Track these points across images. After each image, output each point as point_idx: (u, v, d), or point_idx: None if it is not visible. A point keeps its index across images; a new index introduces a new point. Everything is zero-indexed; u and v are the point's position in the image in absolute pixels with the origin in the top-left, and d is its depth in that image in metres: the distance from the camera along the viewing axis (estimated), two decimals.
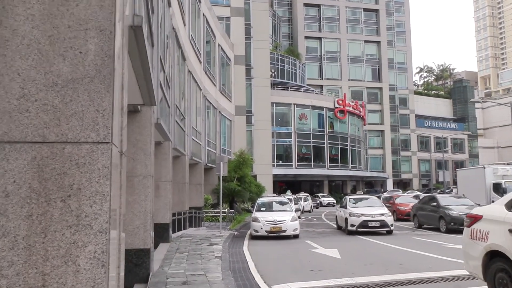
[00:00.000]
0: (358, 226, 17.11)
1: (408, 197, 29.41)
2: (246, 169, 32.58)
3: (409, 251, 11.97)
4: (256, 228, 15.95)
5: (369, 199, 20.16)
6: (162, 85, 10.28)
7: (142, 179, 7.85)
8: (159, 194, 13.59)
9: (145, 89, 6.36)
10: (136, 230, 7.76)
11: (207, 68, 27.10)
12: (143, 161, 7.89)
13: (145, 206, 7.82)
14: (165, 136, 12.25)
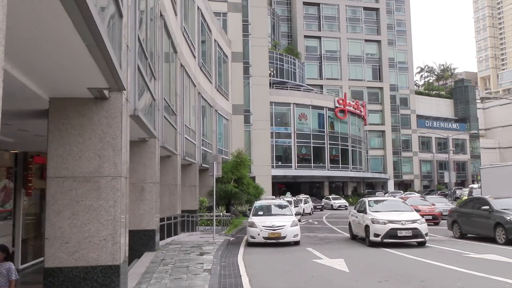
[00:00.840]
0: (384, 236, 13.62)
1: (419, 199, 26.66)
2: (243, 170, 31.16)
3: (433, 263, 10.53)
4: (252, 234, 14.53)
5: (393, 202, 16.56)
6: (143, 71, 8.88)
7: (110, 181, 6.43)
8: (143, 197, 12.19)
9: (104, 65, 4.95)
10: (103, 243, 6.34)
11: (202, 63, 25.70)
12: (112, 159, 6.48)
13: (114, 213, 6.41)
14: (149, 132, 10.85)
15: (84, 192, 6.38)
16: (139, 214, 12.11)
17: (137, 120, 8.48)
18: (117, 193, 6.43)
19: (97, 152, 6.47)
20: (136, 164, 12.21)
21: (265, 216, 15.39)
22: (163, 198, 17.56)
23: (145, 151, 12.28)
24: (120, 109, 6.60)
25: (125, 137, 6.93)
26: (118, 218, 6.42)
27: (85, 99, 6.48)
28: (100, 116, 6.52)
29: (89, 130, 6.49)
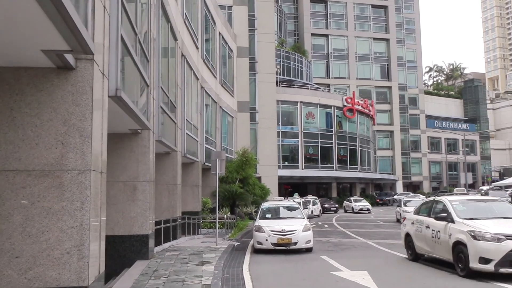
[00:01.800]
0: (501, 262, 8.23)
1: None
2: (249, 169, 29.56)
3: None
4: (259, 240, 12.93)
5: (497, 204, 10.60)
6: (128, 44, 7.33)
7: (76, 176, 4.89)
8: (135, 197, 10.64)
9: (56, 17, 3.40)
10: (66, 258, 4.80)
11: (205, 56, 24.17)
12: (79, 147, 4.94)
13: (81, 218, 4.86)
14: (141, 122, 9.30)
15: (42, 191, 4.84)
16: (130, 217, 10.58)
17: (121, 103, 6.93)
18: (85, 191, 4.89)
19: (59, 138, 4.93)
20: (127, 160, 10.69)
21: (273, 220, 13.79)
22: (161, 198, 16.03)
23: (138, 145, 10.74)
24: (91, 82, 5.05)
25: (99, 121, 5.39)
26: (87, 225, 4.87)
27: (44, 70, 4.95)
28: (64, 92, 4.98)
29: (49, 109, 4.95)
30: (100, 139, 5.56)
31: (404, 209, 23.59)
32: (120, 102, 6.84)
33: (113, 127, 10.08)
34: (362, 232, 20.18)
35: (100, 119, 5.53)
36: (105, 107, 5.87)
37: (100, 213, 5.49)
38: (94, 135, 5.15)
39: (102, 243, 5.66)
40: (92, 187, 5.01)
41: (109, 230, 10.55)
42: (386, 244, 15.00)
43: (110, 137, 10.87)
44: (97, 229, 5.26)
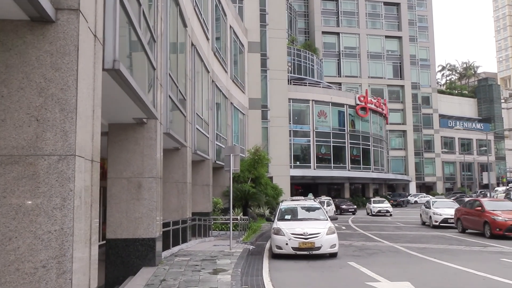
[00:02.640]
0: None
1: (504, 202, 19.96)
2: (261, 168, 28.28)
3: None
4: (279, 244, 11.61)
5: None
6: (129, 11, 6.07)
7: (55, 163, 3.64)
8: (140, 196, 9.39)
9: None
10: (41, 273, 3.54)
11: (216, 49, 22.92)
12: (59, 124, 3.70)
13: (63, 219, 3.61)
14: (146, 109, 8.05)
15: (9, 183, 3.60)
16: (134, 218, 9.32)
17: (120, 80, 5.67)
18: (68, 184, 3.64)
19: (33, 112, 3.68)
20: (131, 154, 9.45)
21: (294, 221, 12.43)
22: (170, 198, 14.78)
23: (143, 137, 9.49)
24: (76, 41, 3.80)
25: (88, 93, 4.13)
26: (69, 228, 3.61)
27: (14, 23, 3.70)
28: (40, 52, 3.73)
29: (20, 75, 3.71)
30: (91, 117, 4.31)
31: (434, 211, 22.26)
32: (119, 78, 5.57)
33: (114, 116, 8.86)
34: (384, 234, 18.80)
35: (91, 92, 4.27)
36: (98, 81, 4.62)
37: (91, 212, 4.24)
38: (81, 110, 3.89)
39: (94, 251, 4.40)
40: (77, 179, 3.76)
41: (110, 233, 9.33)
42: (417, 248, 13.62)
43: (112, 128, 9.66)
44: (85, 234, 4.01)
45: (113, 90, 6.19)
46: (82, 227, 3.90)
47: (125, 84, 5.88)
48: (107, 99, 7.15)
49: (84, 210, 3.96)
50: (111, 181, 9.39)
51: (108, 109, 8.12)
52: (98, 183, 4.53)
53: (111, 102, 7.34)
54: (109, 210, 9.33)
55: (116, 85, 5.97)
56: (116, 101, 7.26)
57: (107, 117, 8.96)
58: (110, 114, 8.67)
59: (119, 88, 6.18)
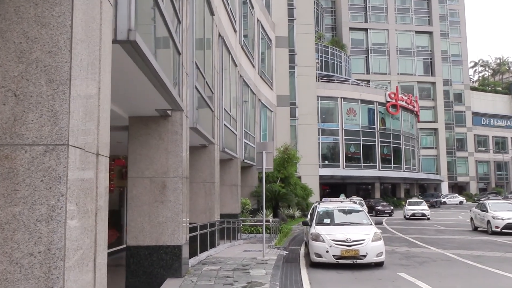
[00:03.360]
0: None
1: None
2: (291, 168, 27.09)
3: None
4: (318, 251, 10.37)
5: None
6: None
7: (41, 156, 2.53)
8: (165, 198, 8.31)
9: None
10: None
11: (244, 43, 21.83)
12: (45, 101, 2.57)
13: (51, 236, 2.49)
14: (170, 98, 6.98)
15: None
16: (158, 223, 8.26)
17: (136, 54, 4.55)
18: (58, 186, 2.52)
19: (9, 85, 2.59)
20: (153, 150, 8.38)
21: (334, 226, 11.15)
22: (197, 199, 13.75)
23: (167, 131, 8.41)
24: None
25: (86, 61, 3.01)
26: (59, 251, 2.50)
27: None
28: (20, 1, 2.62)
29: None
30: (95, 97, 3.20)
31: (494, 215, 19.32)
32: (136, 53, 4.47)
33: (134, 106, 7.82)
34: (426, 239, 17.34)
35: (95, 63, 3.18)
36: (106, 50, 3.51)
37: (95, 224, 3.14)
38: (78, 84, 2.79)
39: (101, 277, 3.30)
40: (71, 178, 2.66)
41: (131, 239, 8.28)
42: (471, 256, 12.20)
43: (133, 121, 8.62)
44: (85, 255, 2.91)
45: (129, 70, 5.11)
46: (80, 245, 2.81)
47: (143, 62, 4.77)
48: (123, 84, 6.10)
49: (83, 222, 2.86)
50: (132, 181, 8.35)
51: (126, 98, 7.07)
52: (106, 184, 3.43)
53: (128, 87, 6.28)
54: (130, 214, 8.30)
55: (132, 63, 4.88)
56: (134, 86, 6.19)
57: (126, 109, 7.92)
58: (129, 104, 7.62)
59: (137, 68, 5.08)
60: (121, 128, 8.75)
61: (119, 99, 7.11)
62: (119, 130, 8.94)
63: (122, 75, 5.67)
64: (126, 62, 4.83)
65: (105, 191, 3.43)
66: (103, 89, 3.42)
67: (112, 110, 7.70)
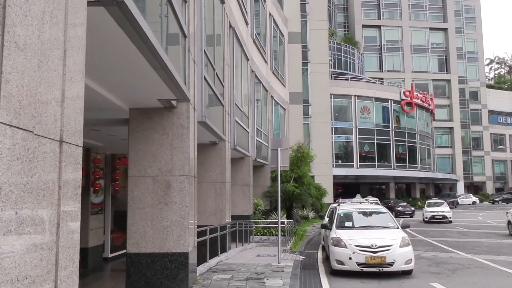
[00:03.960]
0: None
1: None
2: (304, 167, 26.09)
3: None
4: (340, 258, 9.38)
5: None
6: None
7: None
8: (169, 199, 7.40)
9: None
10: None
11: (255, 36, 20.89)
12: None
13: None
14: (173, 84, 6.06)
15: None
16: (162, 227, 7.35)
17: (124, 18, 3.63)
18: None
19: None
20: (157, 146, 7.47)
21: (357, 230, 10.14)
22: (207, 200, 12.84)
23: (172, 125, 7.50)
24: None
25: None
26: None
27: None
28: None
29: None
30: (60, 59, 2.29)
31: None
32: (123, 16, 3.54)
33: (134, 96, 6.92)
34: (451, 242, 16.25)
35: (59, 13, 2.26)
36: (80, 2, 2.59)
37: (57, 238, 2.21)
38: (19, 33, 1.86)
39: None
40: (4, 173, 1.73)
41: (132, 245, 7.38)
42: (506, 262, 11.12)
43: (133, 114, 7.72)
44: (41, 283, 1.99)
45: (122, 44, 4.18)
46: (24, 273, 1.88)
47: (133, 30, 3.84)
48: (118, 67, 5.19)
49: (30, 238, 1.93)
50: (133, 180, 7.45)
51: (124, 85, 6.16)
52: (77, 183, 2.51)
53: (125, 71, 5.36)
54: (131, 217, 7.40)
55: (125, 37, 3.96)
56: (131, 69, 5.27)
57: (125, 99, 7.01)
58: (128, 94, 6.72)
59: (131, 43, 4.16)
60: (121, 122, 7.87)
61: (116, 86, 6.22)
62: (120, 124, 8.06)
63: (118, 57, 4.78)
64: (117, 34, 3.91)
65: (76, 193, 2.51)
66: (73, 54, 2.50)
67: (109, 101, 6.79)
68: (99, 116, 7.72)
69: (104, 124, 8.35)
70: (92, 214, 12.99)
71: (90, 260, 12.82)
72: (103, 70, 5.27)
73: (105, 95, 6.38)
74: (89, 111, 7.57)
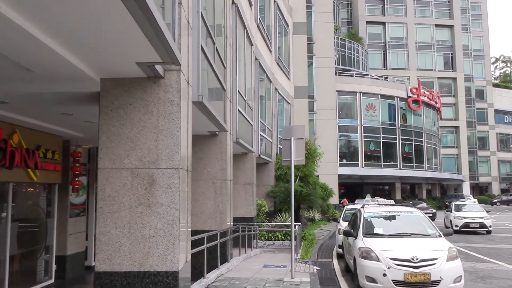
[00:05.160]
0: None
1: None
2: (311, 165, 24.20)
3: None
4: (371, 274, 7.46)
5: None
6: None
7: None
8: (153, 200, 5.49)
9: None
10: None
11: (260, 20, 19.05)
12: None
13: None
14: (158, 38, 4.18)
15: None
16: (143, 237, 5.45)
17: None
18: None
19: None
20: (137, 128, 5.57)
21: (389, 238, 8.16)
22: (205, 200, 10.95)
23: (158, 101, 5.60)
24: None
25: None
26: None
27: None
28: None
29: None
30: None
31: None
32: None
33: (107, 62, 5.02)
34: (481, 249, 14.38)
35: None
36: None
37: None
38: None
39: None
40: None
41: (102, 261, 5.47)
42: None
43: (106, 86, 5.69)
44: None
45: None
46: None
47: None
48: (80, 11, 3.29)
49: None
50: (104, 174, 5.55)
51: (92, 42, 4.25)
52: None
53: (92, 17, 3.45)
54: (101, 224, 5.49)
55: None
56: (99, 15, 3.37)
57: (94, 63, 5.10)
58: (99, 56, 4.81)
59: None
60: (93, 98, 5.99)
61: (80, 44, 4.33)
62: (90, 101, 6.17)
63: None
64: None
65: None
66: None
67: (71, 65, 4.92)
68: (59, 88, 5.81)
69: (69, 102, 6.44)
70: (71, 217, 11.17)
71: (69, 270, 11.00)
72: (59, 19, 3.39)
73: (66, 57, 4.52)
74: (44, 82, 5.73)
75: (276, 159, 21.79)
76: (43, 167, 9.39)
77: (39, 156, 9.19)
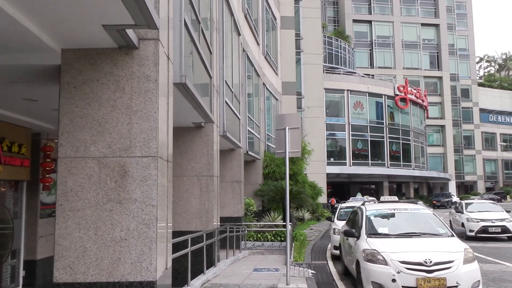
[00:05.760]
0: None
1: None
2: (300, 163, 23.37)
3: None
4: (378, 279, 6.55)
5: None
6: None
7: None
8: (125, 194, 4.53)
9: None
10: None
11: (247, 11, 18.14)
12: None
13: None
14: (137, 9, 3.23)
15: None
16: (112, 241, 4.49)
17: None
18: None
19: None
20: (105, 109, 4.61)
21: (397, 239, 7.24)
22: (190, 198, 9.97)
23: (131, 75, 4.64)
24: None
25: None
26: None
27: None
28: None
29: None
30: None
31: None
32: None
33: (67, 27, 4.04)
34: (482, 248, 13.66)
35: None
36: None
37: None
38: None
39: None
40: None
41: (63, 270, 4.48)
42: None
43: (68, 57, 4.66)
44: None
45: None
46: None
47: None
48: None
49: None
50: (65, 164, 4.57)
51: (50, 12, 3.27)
52: None
53: None
54: (61, 225, 4.51)
55: None
56: None
57: (51, 31, 4.12)
58: (56, 17, 3.84)
59: None
60: (53, 73, 4.99)
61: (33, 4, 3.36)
62: (51, 78, 5.18)
63: None
64: None
65: None
66: None
67: (21, 25, 3.91)
68: (13, 60, 4.80)
69: (28, 78, 5.43)
70: (42, 217, 10.10)
71: (40, 276, 9.94)
72: None
73: (17, 18, 3.54)
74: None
75: (264, 157, 20.89)
76: (8, 162, 8.36)
77: (3, 149, 8.16)
